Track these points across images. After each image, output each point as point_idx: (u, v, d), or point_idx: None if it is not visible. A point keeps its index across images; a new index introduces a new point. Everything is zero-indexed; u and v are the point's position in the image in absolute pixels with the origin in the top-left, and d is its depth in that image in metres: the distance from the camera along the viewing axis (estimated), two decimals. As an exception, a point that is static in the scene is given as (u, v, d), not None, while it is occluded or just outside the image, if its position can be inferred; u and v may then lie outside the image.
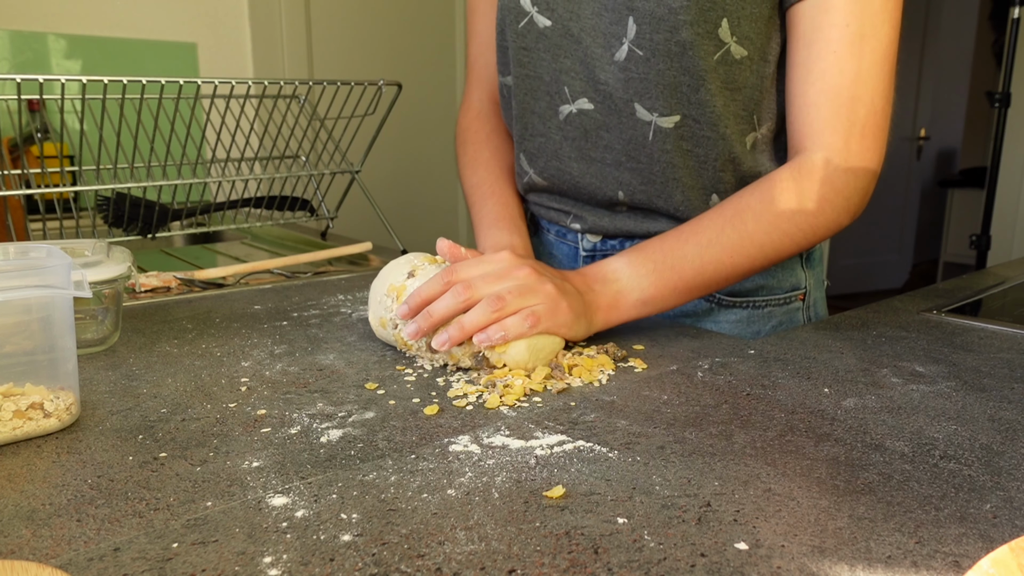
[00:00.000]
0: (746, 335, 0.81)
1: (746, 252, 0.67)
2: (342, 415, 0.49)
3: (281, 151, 1.25)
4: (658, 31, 0.68)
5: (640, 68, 0.70)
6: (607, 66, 0.72)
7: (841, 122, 0.67)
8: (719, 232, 0.67)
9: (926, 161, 4.70)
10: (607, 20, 0.71)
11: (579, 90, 0.75)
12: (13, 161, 1.39)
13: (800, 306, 0.84)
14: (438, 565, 0.32)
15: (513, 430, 0.46)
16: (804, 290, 0.83)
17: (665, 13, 0.67)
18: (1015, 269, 1.00)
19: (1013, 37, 2.54)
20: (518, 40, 0.77)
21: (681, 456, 0.43)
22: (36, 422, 0.46)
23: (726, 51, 0.69)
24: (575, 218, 0.83)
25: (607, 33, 0.71)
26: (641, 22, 0.68)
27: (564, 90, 0.76)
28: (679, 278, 0.66)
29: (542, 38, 0.76)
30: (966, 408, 0.50)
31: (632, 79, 0.71)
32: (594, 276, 0.66)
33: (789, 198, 0.67)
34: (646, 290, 0.66)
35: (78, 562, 0.32)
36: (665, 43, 0.68)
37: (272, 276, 0.95)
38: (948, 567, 0.32)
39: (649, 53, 0.69)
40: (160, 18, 1.95)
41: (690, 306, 0.81)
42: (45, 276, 0.46)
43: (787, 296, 0.82)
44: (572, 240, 0.86)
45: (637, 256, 0.67)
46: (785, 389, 0.54)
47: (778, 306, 0.82)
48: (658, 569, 0.32)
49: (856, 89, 0.66)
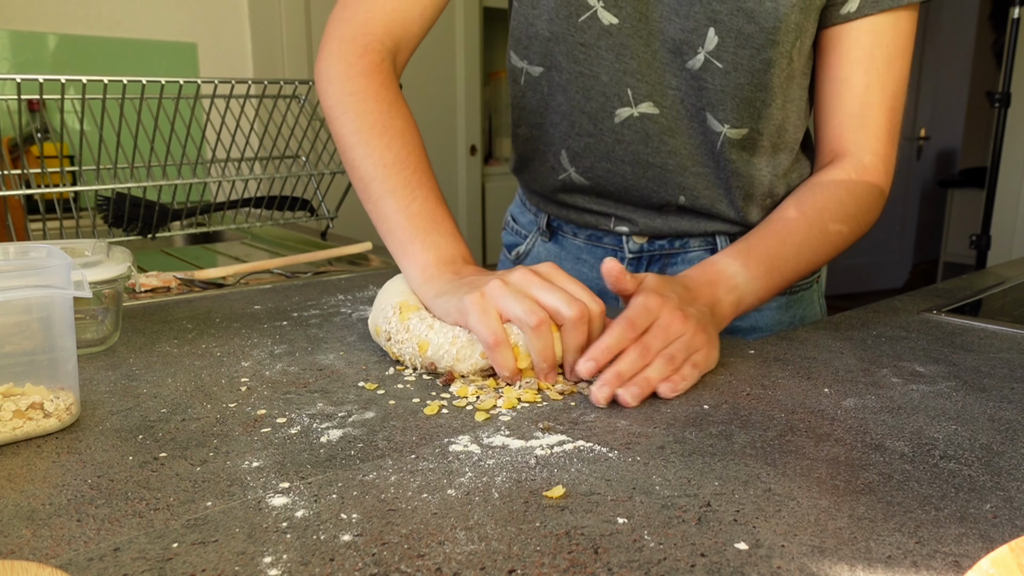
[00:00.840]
0: (784, 320, 0.83)
1: (824, 251, 0.70)
2: (342, 415, 0.49)
3: (281, 151, 1.25)
4: (744, 47, 0.68)
5: (717, 80, 0.70)
6: (678, 72, 0.71)
7: (881, 131, 0.73)
8: (807, 234, 0.69)
9: (926, 161, 4.70)
10: (678, 26, 0.69)
11: (644, 94, 0.73)
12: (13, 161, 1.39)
13: (816, 288, 0.87)
14: (438, 565, 0.32)
15: (513, 430, 0.46)
16: (819, 273, 0.87)
17: (755, 31, 0.67)
18: (1015, 269, 1.00)
19: (1013, 37, 2.54)
20: (577, 35, 0.72)
21: (681, 456, 0.43)
22: (36, 422, 0.46)
23: (791, 68, 0.72)
24: (619, 220, 0.81)
25: (677, 39, 0.69)
26: (724, 35, 0.67)
27: (627, 92, 0.73)
28: (781, 280, 0.67)
29: (605, 35, 0.71)
30: (966, 408, 0.50)
31: (707, 89, 0.70)
32: (717, 282, 0.63)
33: (854, 198, 0.71)
34: (758, 293, 0.66)
35: (78, 562, 0.32)
36: (749, 60, 0.68)
37: (272, 276, 0.95)
38: (948, 567, 0.32)
39: (730, 67, 0.69)
40: (160, 18, 1.95)
41: None
42: (45, 276, 0.46)
43: (811, 280, 0.86)
44: (611, 243, 0.84)
45: (751, 259, 0.66)
46: (785, 389, 0.54)
47: (806, 290, 0.85)
48: (658, 569, 0.32)
49: (891, 102, 0.73)
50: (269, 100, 1.21)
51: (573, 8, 0.71)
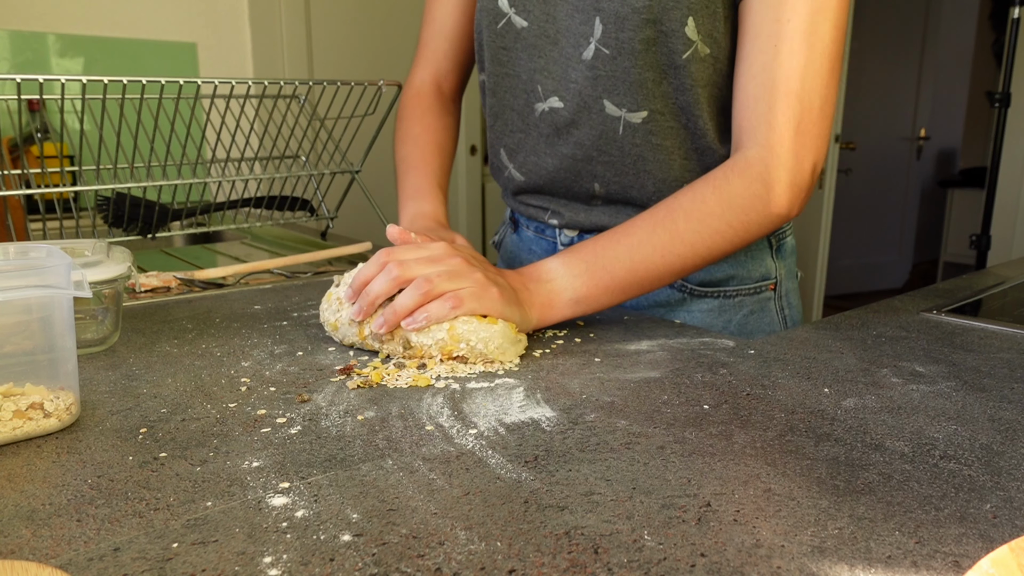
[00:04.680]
0: (717, 324, 0.83)
1: (677, 251, 0.67)
2: (342, 415, 0.49)
3: (281, 151, 1.25)
4: (623, 30, 0.70)
5: (607, 66, 0.73)
6: (577, 65, 0.75)
7: (778, 117, 0.66)
8: (650, 232, 0.67)
9: (926, 161, 4.70)
10: (577, 21, 0.74)
11: (551, 88, 0.78)
12: (13, 161, 1.39)
13: (772, 296, 0.85)
14: (438, 565, 0.32)
15: (513, 431, 0.46)
16: (775, 280, 0.85)
17: (628, 12, 0.69)
18: (1015, 269, 1.00)
19: (1013, 37, 2.54)
20: (497, 40, 0.80)
21: (681, 456, 0.43)
22: (36, 422, 0.46)
23: (694, 49, 0.71)
24: (553, 214, 0.86)
25: (576, 33, 0.74)
26: (607, 22, 0.71)
27: (537, 88, 0.79)
28: (611, 278, 0.67)
29: (519, 38, 0.78)
30: (966, 408, 0.50)
31: (600, 77, 0.74)
32: (530, 275, 0.67)
33: (720, 196, 0.67)
34: (579, 289, 0.67)
35: (78, 562, 0.32)
36: (630, 41, 0.70)
37: (272, 276, 0.95)
38: (948, 567, 0.32)
39: (615, 51, 0.72)
40: (160, 18, 1.95)
41: (662, 296, 0.84)
42: (45, 276, 0.46)
43: (757, 286, 0.84)
44: (551, 236, 0.89)
45: (571, 257, 0.68)
46: (785, 389, 0.54)
47: (748, 295, 0.84)
48: (658, 569, 0.32)
49: (792, 84, 0.66)
50: (269, 100, 1.21)
51: (493, 17, 0.80)
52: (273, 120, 1.15)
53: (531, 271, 0.68)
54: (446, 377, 0.56)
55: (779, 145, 0.67)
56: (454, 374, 0.57)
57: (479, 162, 2.99)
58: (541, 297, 0.66)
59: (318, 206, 1.22)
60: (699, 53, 0.71)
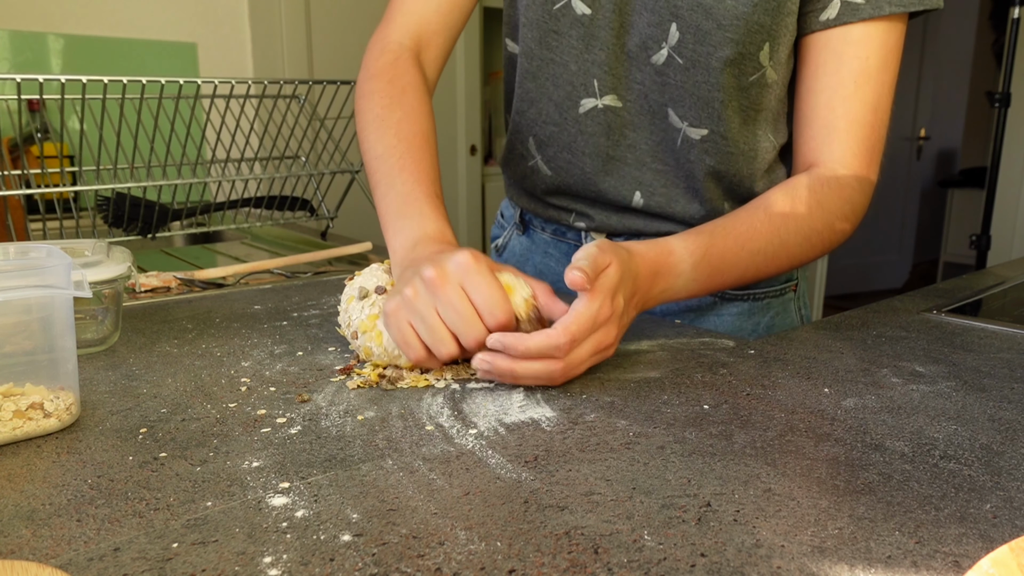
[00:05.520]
0: (747, 327, 0.82)
1: (780, 262, 0.69)
2: (342, 415, 0.49)
3: (281, 151, 1.25)
4: (702, 44, 0.68)
5: (678, 76, 0.70)
6: (644, 66, 0.72)
7: (860, 145, 0.70)
8: (766, 242, 0.68)
9: (926, 161, 4.69)
10: (646, 20, 0.70)
11: (609, 86, 0.73)
12: (13, 161, 1.39)
13: (793, 296, 0.85)
14: (438, 565, 0.32)
15: (513, 431, 0.46)
16: (796, 281, 0.86)
17: (712, 28, 0.67)
18: (1015, 269, 1.00)
19: (1013, 37, 2.54)
20: (550, 22, 0.73)
21: (681, 456, 0.43)
22: (36, 422, 0.46)
23: (762, 74, 0.70)
24: (579, 216, 0.82)
25: (646, 34, 0.70)
26: (685, 31, 0.68)
27: (593, 83, 0.74)
28: (721, 282, 0.67)
29: (577, 25, 0.72)
30: (966, 408, 0.50)
31: (668, 85, 0.71)
32: (663, 274, 0.62)
33: (821, 214, 0.69)
34: (691, 291, 0.65)
35: (78, 562, 0.32)
36: (706, 57, 0.68)
37: (272, 276, 0.95)
38: (948, 567, 0.32)
39: (689, 63, 0.69)
40: (160, 18, 1.95)
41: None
42: (45, 276, 0.46)
43: (782, 288, 0.84)
44: (573, 238, 0.85)
45: (704, 259, 0.64)
46: (785, 389, 0.54)
47: (775, 297, 0.83)
48: (658, 569, 0.32)
49: (872, 116, 0.70)
50: (269, 100, 1.21)
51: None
52: (273, 120, 1.15)
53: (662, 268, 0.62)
54: (446, 377, 0.56)
55: (861, 170, 0.71)
56: (458, 377, 0.57)
57: (479, 162, 2.99)
58: (657, 299, 0.63)
59: (318, 206, 1.22)
60: (766, 79, 0.71)
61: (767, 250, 0.68)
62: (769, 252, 0.68)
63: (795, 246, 0.69)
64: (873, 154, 0.71)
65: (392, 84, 0.73)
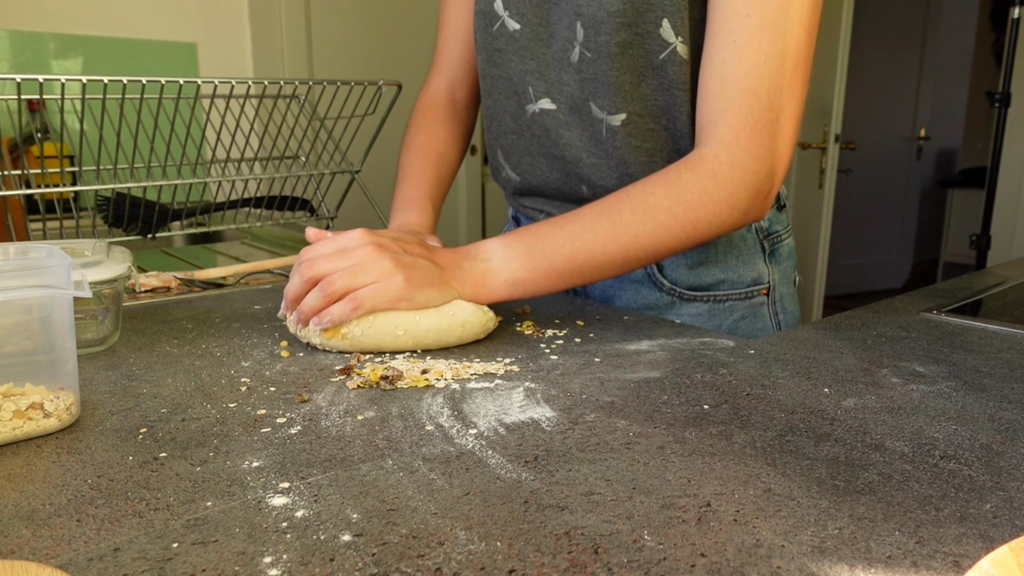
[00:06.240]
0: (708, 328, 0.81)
1: (619, 241, 0.66)
2: (342, 415, 0.49)
3: (281, 151, 1.25)
4: (600, 33, 0.71)
5: (590, 69, 0.74)
6: (567, 68, 0.76)
7: (733, 114, 0.65)
8: (594, 221, 0.67)
9: (926, 161, 4.70)
10: (564, 24, 0.75)
11: (542, 90, 0.79)
12: (13, 161, 1.39)
13: (765, 301, 0.84)
14: (438, 565, 0.32)
15: (513, 431, 0.46)
16: (768, 285, 0.84)
17: (604, 16, 0.70)
18: (1015, 269, 1.00)
19: (1013, 37, 2.54)
20: (492, 42, 0.82)
21: (681, 456, 0.43)
22: (36, 422, 0.46)
23: (672, 50, 0.71)
24: (545, 215, 0.87)
25: (564, 37, 0.75)
26: (587, 26, 0.72)
27: (528, 90, 0.80)
28: (549, 263, 0.67)
29: (512, 41, 0.80)
30: (966, 408, 0.50)
31: (585, 79, 0.75)
32: (465, 254, 0.68)
33: (668, 190, 0.66)
34: (516, 272, 0.67)
35: (78, 562, 0.32)
36: (607, 45, 0.71)
37: (272, 276, 0.95)
38: (948, 567, 0.32)
39: (595, 55, 0.73)
40: (160, 18, 1.95)
41: (651, 299, 0.83)
42: (45, 276, 0.46)
43: (749, 291, 0.83)
44: None
45: (511, 239, 0.68)
46: (785, 389, 0.54)
47: (739, 300, 0.83)
48: (658, 569, 0.32)
49: (750, 81, 0.64)
50: (269, 100, 1.21)
51: (488, 19, 0.81)
52: (273, 120, 1.15)
53: (468, 250, 0.68)
54: (446, 377, 0.56)
55: (735, 143, 0.65)
56: (458, 377, 0.57)
57: (479, 162, 2.99)
58: (475, 275, 0.66)
59: (318, 206, 1.22)
60: (678, 55, 0.71)
61: (595, 229, 0.66)
62: (598, 231, 0.66)
63: (635, 224, 0.65)
64: (752, 124, 0.64)
65: (424, 117, 0.94)
